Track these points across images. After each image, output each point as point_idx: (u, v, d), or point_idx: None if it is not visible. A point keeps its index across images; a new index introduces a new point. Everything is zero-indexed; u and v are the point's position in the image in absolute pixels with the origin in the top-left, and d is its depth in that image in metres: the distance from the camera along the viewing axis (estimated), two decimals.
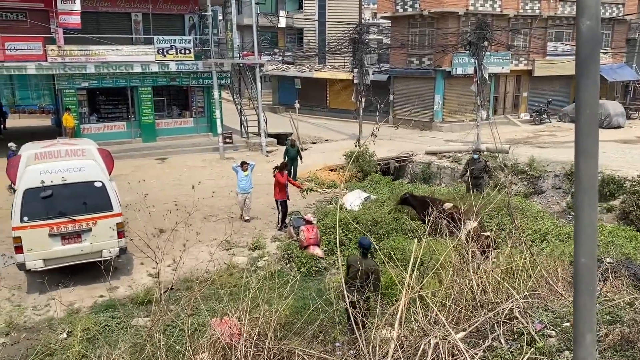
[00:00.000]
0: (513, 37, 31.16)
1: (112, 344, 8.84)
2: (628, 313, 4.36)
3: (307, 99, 38.33)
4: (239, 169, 14.89)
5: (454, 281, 5.33)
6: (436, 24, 29.30)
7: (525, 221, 12.61)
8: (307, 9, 46.37)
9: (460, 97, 29.59)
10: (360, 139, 26.61)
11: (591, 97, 2.55)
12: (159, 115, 25.17)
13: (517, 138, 28.13)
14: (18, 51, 20.88)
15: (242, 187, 14.84)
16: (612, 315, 4.41)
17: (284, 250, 12.09)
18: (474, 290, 5.10)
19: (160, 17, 24.71)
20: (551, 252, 9.78)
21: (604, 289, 6.01)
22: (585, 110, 2.58)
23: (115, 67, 22.73)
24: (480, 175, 15.72)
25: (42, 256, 10.43)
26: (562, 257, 9.23)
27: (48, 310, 10.00)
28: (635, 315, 4.13)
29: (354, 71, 26.89)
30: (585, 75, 2.53)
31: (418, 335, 4.02)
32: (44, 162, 10.60)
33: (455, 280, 5.33)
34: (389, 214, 12.79)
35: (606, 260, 8.48)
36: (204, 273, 11.70)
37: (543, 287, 6.48)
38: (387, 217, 12.60)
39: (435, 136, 28.90)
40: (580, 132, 2.66)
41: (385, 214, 12.76)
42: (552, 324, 4.39)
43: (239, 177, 14.84)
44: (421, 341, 3.75)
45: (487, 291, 5.18)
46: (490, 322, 4.24)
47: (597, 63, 2.54)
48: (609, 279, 7.24)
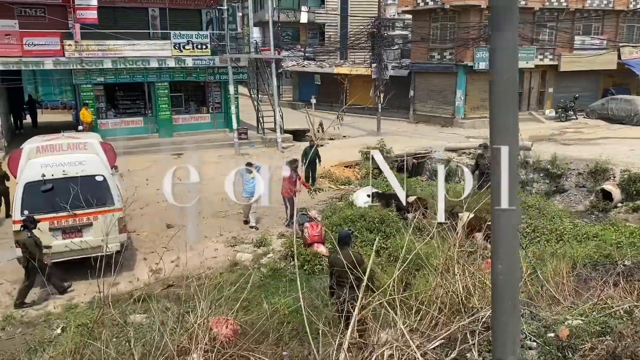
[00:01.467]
0: (538, 30, 30.25)
1: (106, 341, 8.74)
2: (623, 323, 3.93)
3: (326, 95, 38.00)
4: (244, 171, 13.61)
5: (438, 284, 4.95)
6: (458, 17, 28.61)
7: (542, 221, 12.04)
8: (329, 3, 45.96)
9: (483, 93, 28.82)
10: (378, 135, 26.22)
11: (508, 58, 2.18)
12: (176, 110, 25.14)
13: (541, 135, 27.30)
14: (36, 47, 21.05)
15: (248, 190, 13.49)
16: (604, 326, 3.98)
17: (287, 247, 11.81)
18: (459, 294, 4.71)
19: (178, 12, 24.66)
20: (554, 253, 9.25)
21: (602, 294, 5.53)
22: (502, 77, 2.22)
23: (132, 62, 22.75)
24: (489, 171, 15.04)
25: None
26: (574, 257, 8.73)
27: (46, 305, 9.92)
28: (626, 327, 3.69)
29: (372, 66, 26.46)
30: (500, 28, 2.20)
31: (376, 345, 3.67)
32: (45, 156, 10.52)
33: (439, 283, 4.96)
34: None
35: (621, 262, 7.95)
36: (206, 270, 11.58)
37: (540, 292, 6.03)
38: (394, 215, 12.21)
39: (456, 132, 28.29)
40: (494, 104, 2.29)
41: (393, 211, 12.35)
42: (535, 334, 3.98)
43: (245, 180, 13.62)
44: (374, 353, 3.41)
45: (472, 295, 4.79)
46: (464, 330, 3.86)
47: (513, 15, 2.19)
48: (619, 284, 6.75)
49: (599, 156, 19.99)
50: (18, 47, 20.79)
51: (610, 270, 7.88)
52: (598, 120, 30.05)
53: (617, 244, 10.73)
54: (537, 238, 11.28)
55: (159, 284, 10.75)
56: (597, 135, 26.52)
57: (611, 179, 19.26)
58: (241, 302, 9.88)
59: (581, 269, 8.14)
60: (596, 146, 23.49)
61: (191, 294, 10.16)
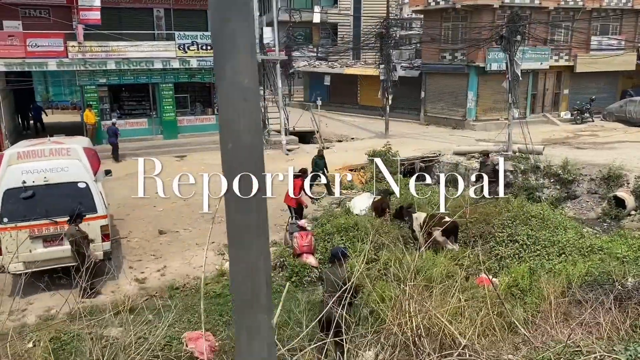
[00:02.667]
0: (553, 31, 29.42)
1: (78, 355, 8.45)
2: None
3: (337, 96, 37.58)
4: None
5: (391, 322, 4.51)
6: (470, 17, 27.96)
7: (544, 232, 11.45)
8: (341, 3, 45.45)
9: (495, 95, 28.10)
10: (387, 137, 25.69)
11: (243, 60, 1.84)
12: (182, 112, 24.91)
13: (554, 138, 26.55)
14: (40, 48, 20.94)
15: None
16: None
17: (276, 257, 11.40)
18: (416, 332, 4.26)
19: (183, 13, 24.43)
20: (551, 269, 8.70)
21: (574, 335, 5.00)
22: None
23: (135, 63, 22.56)
24: (491, 180, 14.53)
25: (23, 259, 10.10)
26: (569, 276, 8.18)
27: (24, 316, 9.65)
28: None
29: (380, 67, 25.94)
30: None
31: None
32: (26, 162, 10.25)
33: (392, 321, 4.51)
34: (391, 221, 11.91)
35: (619, 283, 7.39)
36: (194, 279, 11.25)
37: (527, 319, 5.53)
38: (389, 224, 11.73)
39: (467, 135, 27.63)
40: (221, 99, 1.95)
41: (388, 220, 11.88)
42: None
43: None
44: None
45: (430, 334, 4.33)
46: None
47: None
48: (615, 308, 6.21)
49: (612, 161, 19.24)
50: (22, 48, 20.70)
51: (607, 292, 7.34)
52: (615, 123, 29.12)
53: (622, 258, 10.14)
54: (537, 251, 10.70)
55: (141, 295, 10.45)
56: (614, 138, 25.66)
57: (625, 185, 18.52)
58: (222, 316, 9.62)
59: (576, 289, 7.59)
60: (612, 150, 22.67)
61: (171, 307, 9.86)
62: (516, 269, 9.40)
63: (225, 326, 8.99)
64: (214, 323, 9.21)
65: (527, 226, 11.64)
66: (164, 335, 8.88)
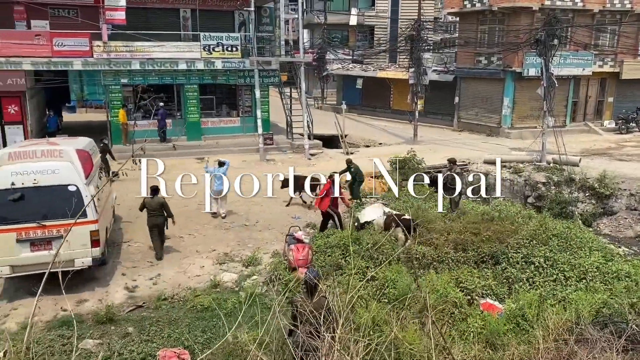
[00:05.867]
0: (597, 35, 27.79)
1: None
2: None
3: (370, 100, 36.81)
4: (214, 169, 14.72)
5: None
6: (507, 20, 26.71)
7: (564, 254, 10.43)
8: (379, 5, 44.64)
9: (532, 101, 26.74)
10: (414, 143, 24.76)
11: None
12: (206, 113, 24.69)
13: (595, 148, 25.06)
14: (65, 47, 21.07)
15: (217, 188, 14.54)
16: None
17: (270, 270, 10.80)
18: None
19: (210, 14, 24.22)
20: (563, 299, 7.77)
21: None
22: None
23: (160, 63, 22.45)
24: (450, 188, 13.93)
25: (9, 262, 9.85)
26: (579, 309, 7.24)
27: (4, 322, 9.37)
28: None
29: (409, 71, 25.04)
30: None
31: None
32: (17, 163, 9.99)
33: None
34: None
35: (633, 321, 6.45)
36: (184, 290, 10.76)
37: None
38: (392, 240, 10.93)
39: (501, 143, 26.42)
40: None
41: (390, 236, 11.08)
42: None
43: (216, 178, 14.52)
44: None
45: None
46: None
47: None
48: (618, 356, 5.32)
49: None
50: (48, 47, 20.86)
51: (620, 331, 6.41)
52: None
53: None
54: (554, 276, 9.70)
55: (128, 305, 10.03)
56: None
57: None
58: (204, 332, 9.07)
59: (585, 325, 6.68)
60: None
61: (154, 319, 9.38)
62: (525, 296, 8.49)
63: (206, 344, 8.43)
64: (194, 340, 8.67)
65: (547, 247, 10.64)
66: (140, 351, 8.43)
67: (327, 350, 3.91)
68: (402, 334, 5.27)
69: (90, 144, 12.29)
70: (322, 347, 4.06)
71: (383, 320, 7.64)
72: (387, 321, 7.70)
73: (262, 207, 16.13)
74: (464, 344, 6.90)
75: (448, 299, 8.14)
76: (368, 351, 4.47)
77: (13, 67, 20.48)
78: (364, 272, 9.74)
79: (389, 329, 6.56)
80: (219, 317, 9.65)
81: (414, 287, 8.35)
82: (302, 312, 6.47)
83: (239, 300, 9.80)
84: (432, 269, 10.04)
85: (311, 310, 6.37)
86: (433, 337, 4.37)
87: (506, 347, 6.55)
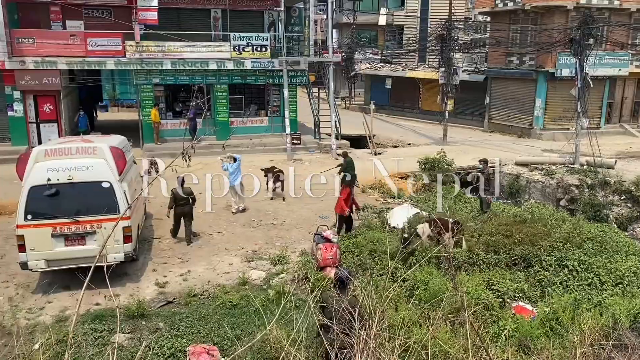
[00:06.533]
0: (635, 34, 27.07)
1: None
2: None
3: (398, 100, 36.59)
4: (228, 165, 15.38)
5: None
6: (540, 19, 26.22)
7: (599, 258, 10.16)
8: (408, 5, 44.35)
9: (565, 102, 26.17)
10: (444, 144, 24.49)
11: None
12: (235, 113, 24.84)
13: (631, 151, 24.41)
14: (99, 47, 21.49)
15: (233, 181, 15.22)
16: None
17: (299, 269, 10.80)
18: None
19: (240, 14, 24.38)
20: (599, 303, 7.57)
21: None
22: None
23: (190, 63, 22.70)
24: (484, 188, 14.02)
25: (45, 257, 10.07)
26: (616, 314, 7.04)
27: (40, 315, 9.58)
28: None
29: (439, 70, 24.79)
30: None
31: None
32: (53, 159, 10.21)
33: None
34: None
35: None
36: (215, 286, 10.84)
37: None
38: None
39: (533, 145, 25.96)
40: None
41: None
42: None
43: (230, 172, 15.19)
44: None
45: None
46: None
47: None
48: None
49: None
50: (82, 47, 21.31)
51: None
52: None
53: None
54: (589, 280, 9.46)
55: (159, 300, 10.16)
56: None
57: None
58: (233, 329, 9.11)
59: (623, 330, 6.49)
60: None
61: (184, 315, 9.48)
62: (559, 300, 8.30)
63: (234, 341, 8.47)
64: (223, 336, 8.73)
65: (581, 250, 10.38)
66: (170, 346, 8.53)
67: (362, 348, 3.89)
68: (436, 334, 5.19)
69: (123, 142, 12.48)
70: (358, 344, 4.04)
71: (414, 321, 7.59)
72: (418, 322, 7.65)
73: (290, 206, 16.18)
74: (495, 347, 6.77)
75: (479, 300, 8.02)
76: (404, 349, 4.42)
77: (49, 66, 20.99)
78: (393, 273, 9.66)
79: (419, 330, 6.50)
80: (247, 314, 9.75)
81: (446, 289, 8.24)
82: (335, 309, 6.49)
83: (268, 298, 9.84)
84: (462, 270, 9.90)
85: (344, 308, 6.38)
86: (470, 338, 4.30)
87: (539, 351, 6.40)
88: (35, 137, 21.80)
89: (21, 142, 21.21)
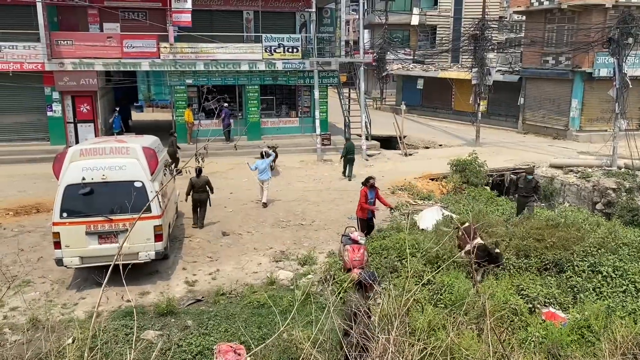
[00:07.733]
0: None
1: (111, 356, 8.41)
2: None
3: (430, 100, 36.28)
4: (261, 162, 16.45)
5: None
6: (577, 18, 25.60)
7: (636, 264, 9.87)
8: (442, 5, 43.92)
9: (603, 103, 25.56)
10: (477, 145, 24.17)
11: None
12: (266, 114, 25.06)
13: None
14: (134, 48, 21.98)
15: (263, 176, 16.16)
16: None
17: (325, 270, 10.81)
18: None
19: (272, 15, 24.59)
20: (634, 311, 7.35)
21: None
22: None
23: (223, 64, 23.00)
24: (528, 194, 14.25)
25: (79, 254, 10.33)
26: None
27: (74, 310, 9.85)
28: None
29: (472, 71, 24.47)
30: None
31: None
32: (88, 159, 10.49)
33: None
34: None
35: None
36: (243, 286, 10.96)
37: None
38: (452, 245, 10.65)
39: (568, 146, 25.39)
40: None
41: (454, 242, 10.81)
42: None
43: (260, 168, 16.12)
44: None
45: None
46: None
47: None
48: None
49: None
50: (118, 48, 21.83)
51: None
52: None
53: None
54: (623, 287, 9.20)
55: (188, 298, 10.32)
56: None
57: None
58: (260, 328, 9.20)
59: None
60: None
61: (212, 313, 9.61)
62: (591, 306, 8.10)
63: (261, 340, 8.55)
64: (250, 335, 8.81)
65: (616, 256, 10.10)
66: (198, 344, 8.66)
67: (380, 352, 3.88)
68: (458, 340, 5.15)
69: (155, 142, 12.73)
70: (376, 348, 4.04)
71: (439, 325, 7.52)
72: (443, 326, 7.58)
73: (319, 207, 16.23)
74: (523, 353, 6.65)
75: (507, 305, 7.89)
76: (423, 355, 4.39)
77: (86, 67, 21.57)
78: (421, 276, 9.58)
79: (444, 334, 6.45)
80: (274, 314, 9.81)
81: (472, 293, 8.14)
82: (357, 312, 6.48)
83: (295, 298, 9.88)
84: (491, 274, 9.76)
85: (365, 311, 6.38)
86: (491, 344, 4.24)
87: (570, 358, 6.27)
88: (73, 136, 22.42)
89: (59, 142, 21.85)
